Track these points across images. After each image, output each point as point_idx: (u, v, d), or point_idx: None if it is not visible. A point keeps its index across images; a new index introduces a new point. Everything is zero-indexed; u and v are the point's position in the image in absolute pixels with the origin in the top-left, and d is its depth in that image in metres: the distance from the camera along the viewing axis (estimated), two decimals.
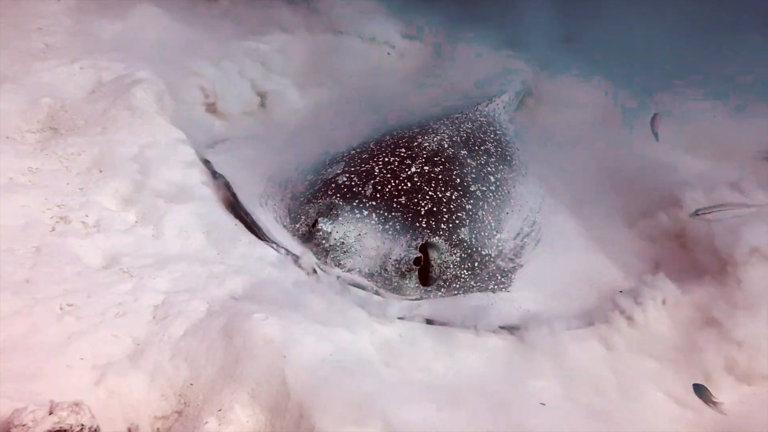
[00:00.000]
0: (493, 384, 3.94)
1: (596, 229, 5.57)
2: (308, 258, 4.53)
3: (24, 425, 2.85)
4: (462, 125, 5.82)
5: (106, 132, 5.19)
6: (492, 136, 5.95)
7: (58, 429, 2.88)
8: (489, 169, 5.49)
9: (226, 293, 4.07)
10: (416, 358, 3.99)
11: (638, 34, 8.44)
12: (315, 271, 4.42)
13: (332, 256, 4.56)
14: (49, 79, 5.65)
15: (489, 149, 5.71)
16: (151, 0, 7.28)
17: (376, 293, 4.42)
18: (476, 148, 5.61)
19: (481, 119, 6.17)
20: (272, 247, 4.62)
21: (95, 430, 3.01)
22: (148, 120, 5.38)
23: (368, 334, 3.98)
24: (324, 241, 4.60)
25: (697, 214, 5.33)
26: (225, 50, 7.07)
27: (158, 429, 3.35)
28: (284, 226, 4.92)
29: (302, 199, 5.09)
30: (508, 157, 5.86)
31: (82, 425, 2.95)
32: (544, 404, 3.90)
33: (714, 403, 4.13)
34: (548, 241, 5.31)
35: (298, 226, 4.88)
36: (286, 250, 4.60)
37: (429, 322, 4.29)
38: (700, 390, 4.18)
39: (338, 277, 4.42)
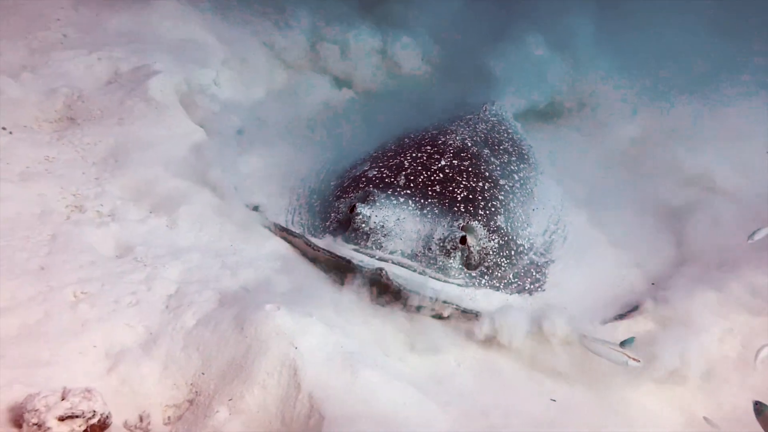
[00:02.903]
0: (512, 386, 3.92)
1: (618, 225, 5.47)
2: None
3: (37, 410, 2.89)
4: (477, 126, 5.81)
5: (122, 123, 5.22)
6: (506, 135, 5.94)
7: (71, 415, 2.91)
8: (512, 167, 5.48)
9: (238, 284, 4.08)
10: (429, 351, 3.98)
11: (680, 34, 8.31)
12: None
13: (373, 239, 4.46)
14: (67, 70, 5.71)
15: (507, 148, 5.71)
16: None
17: (422, 273, 4.36)
18: (496, 147, 5.62)
19: (492, 119, 6.15)
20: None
21: (107, 416, 3.04)
22: (163, 112, 5.42)
23: (381, 327, 3.99)
24: (363, 225, 4.50)
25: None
26: (243, 43, 7.06)
27: (169, 417, 3.37)
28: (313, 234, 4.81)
29: (331, 198, 5.03)
30: (525, 155, 5.86)
31: (94, 411, 2.98)
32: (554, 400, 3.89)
33: None
34: (576, 238, 5.26)
35: (328, 224, 4.79)
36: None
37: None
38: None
39: (379, 259, 4.33)
